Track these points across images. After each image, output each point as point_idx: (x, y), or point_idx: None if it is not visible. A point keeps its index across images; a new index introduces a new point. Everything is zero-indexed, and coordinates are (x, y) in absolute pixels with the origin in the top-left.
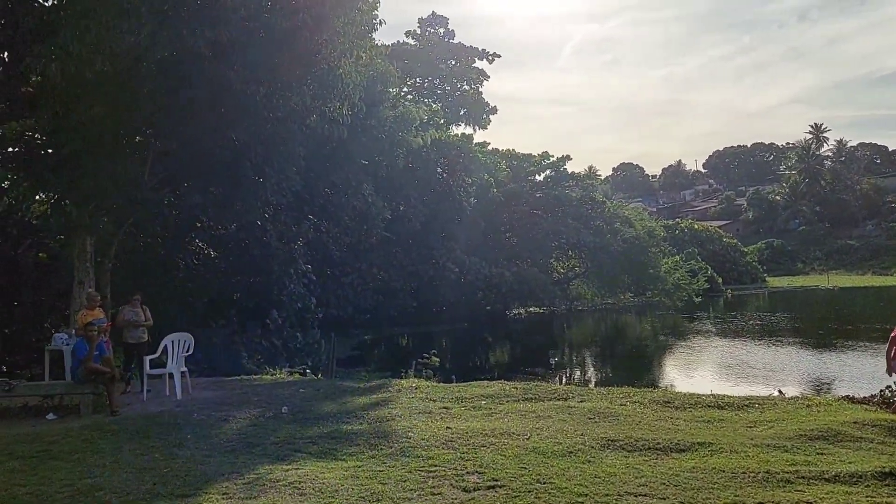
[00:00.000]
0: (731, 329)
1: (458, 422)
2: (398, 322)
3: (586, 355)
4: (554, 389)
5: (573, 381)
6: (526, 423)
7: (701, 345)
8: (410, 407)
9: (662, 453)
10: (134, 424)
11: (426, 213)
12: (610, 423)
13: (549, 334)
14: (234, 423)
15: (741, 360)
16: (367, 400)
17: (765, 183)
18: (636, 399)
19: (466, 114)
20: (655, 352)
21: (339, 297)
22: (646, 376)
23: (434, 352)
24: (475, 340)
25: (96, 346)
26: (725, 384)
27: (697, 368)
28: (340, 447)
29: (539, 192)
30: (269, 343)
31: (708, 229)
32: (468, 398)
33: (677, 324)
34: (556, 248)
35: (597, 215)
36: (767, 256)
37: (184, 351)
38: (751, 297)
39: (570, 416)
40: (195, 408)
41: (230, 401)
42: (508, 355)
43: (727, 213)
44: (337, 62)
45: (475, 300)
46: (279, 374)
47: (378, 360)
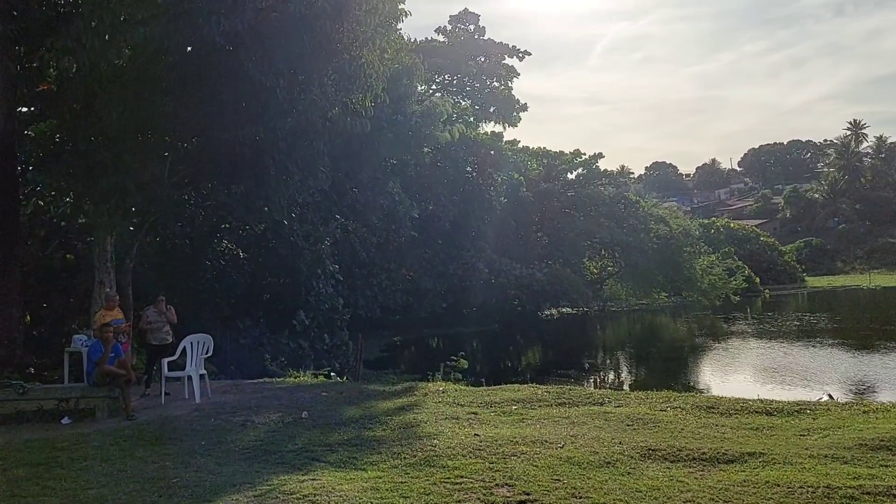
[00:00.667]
0: (770, 330)
1: (486, 428)
2: (428, 323)
3: (620, 357)
4: (589, 394)
5: (607, 383)
6: (559, 430)
7: (738, 346)
8: (437, 412)
9: (709, 464)
10: (148, 429)
11: (456, 213)
12: (650, 430)
13: (582, 336)
14: (252, 429)
15: (781, 362)
16: (391, 404)
17: (802, 181)
18: (677, 404)
19: (496, 111)
20: (691, 354)
21: (367, 297)
22: (682, 379)
23: (462, 354)
24: (507, 342)
25: (112, 347)
26: (767, 387)
27: (736, 371)
28: (361, 455)
29: (571, 191)
30: (297, 344)
31: (744, 228)
32: (497, 403)
33: (714, 325)
34: (589, 247)
35: (630, 214)
36: (806, 256)
37: (203, 353)
38: (789, 297)
39: (606, 423)
40: (213, 412)
41: (250, 405)
42: (540, 357)
43: (764, 211)
44: (359, 52)
45: (506, 301)
46: (303, 377)
47: (407, 361)
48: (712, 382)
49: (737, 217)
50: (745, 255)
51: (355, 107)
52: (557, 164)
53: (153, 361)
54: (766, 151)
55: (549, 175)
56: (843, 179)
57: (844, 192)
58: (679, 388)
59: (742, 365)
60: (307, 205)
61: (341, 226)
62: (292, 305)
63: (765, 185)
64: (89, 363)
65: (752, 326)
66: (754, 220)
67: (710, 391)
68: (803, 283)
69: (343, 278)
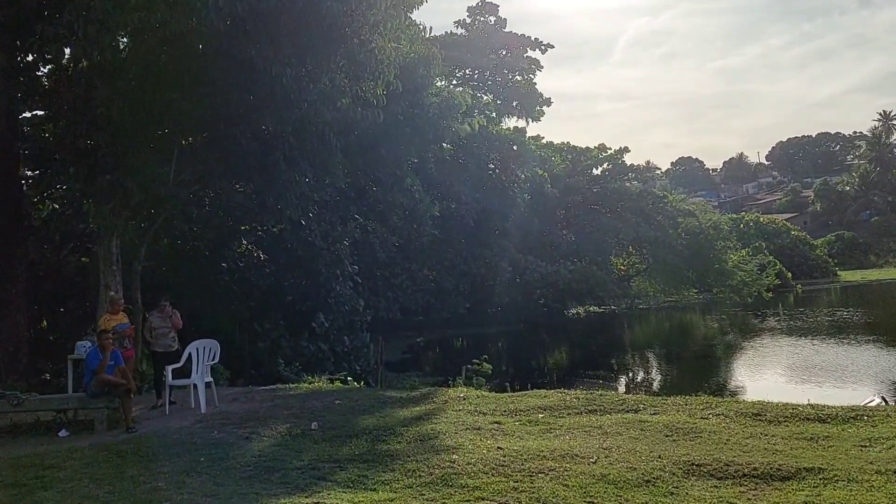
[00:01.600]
0: (804, 327)
1: (510, 440)
2: (451, 324)
3: (650, 357)
4: (621, 399)
5: (637, 385)
6: (591, 441)
7: (772, 344)
8: (457, 421)
9: (761, 482)
10: (147, 444)
11: (478, 211)
12: (692, 441)
13: (609, 335)
14: (257, 443)
15: (818, 360)
16: (409, 413)
17: (832, 174)
18: (720, 410)
19: (519, 106)
20: (724, 353)
21: (388, 299)
22: (715, 379)
23: (485, 357)
24: (532, 342)
25: (111, 355)
26: (808, 388)
27: (772, 370)
28: (372, 473)
29: (597, 187)
30: (316, 347)
31: (774, 222)
32: (523, 410)
33: (745, 322)
34: (616, 244)
35: (658, 210)
36: (838, 249)
37: (209, 359)
38: (822, 292)
39: (643, 434)
40: (218, 423)
41: (257, 415)
42: (567, 358)
43: (793, 205)
44: (369, 36)
45: (532, 300)
46: (318, 382)
47: (430, 363)
48: (748, 383)
49: (766, 211)
50: (776, 250)
51: (366, 96)
52: (583, 160)
53: (159, 370)
54: (795, 144)
55: (574, 171)
56: (874, 171)
57: (876, 184)
58: (713, 389)
59: (778, 364)
60: (325, 204)
61: (360, 226)
62: (312, 308)
63: (793, 178)
64: (87, 372)
65: (785, 323)
66: (784, 214)
67: (746, 393)
68: (836, 278)
69: (363, 279)
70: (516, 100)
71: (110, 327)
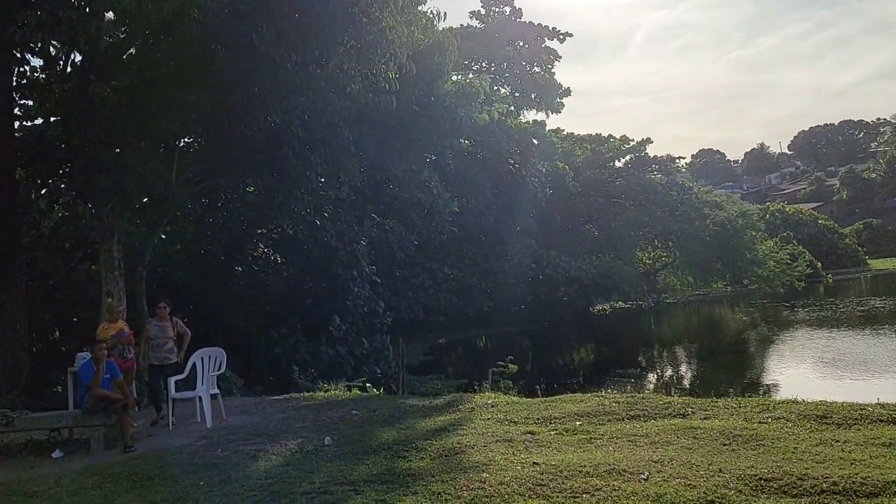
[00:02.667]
0: (838, 318)
1: (547, 453)
2: (474, 323)
3: (680, 353)
4: (667, 403)
5: (669, 383)
6: (639, 453)
7: (806, 336)
8: (486, 432)
9: (845, 499)
10: (144, 465)
11: (498, 207)
12: (755, 451)
13: (637, 331)
14: (264, 461)
15: (862, 353)
16: (432, 423)
17: (856, 161)
18: (779, 413)
19: (537, 98)
20: (758, 346)
21: (409, 299)
22: (751, 375)
23: (511, 358)
24: (557, 340)
25: (106, 366)
26: (855, 384)
27: (809, 364)
28: (392, 497)
29: (619, 179)
30: (335, 351)
31: (801, 212)
32: (558, 418)
33: (777, 314)
34: (641, 238)
35: (683, 201)
36: (866, 238)
37: (215, 369)
38: (853, 281)
39: (697, 443)
40: (223, 439)
41: (267, 429)
42: (594, 356)
43: (818, 194)
44: (379, 13)
45: (555, 297)
46: (334, 390)
47: (454, 364)
48: (785, 379)
49: (790, 202)
50: (803, 239)
51: (378, 81)
52: (604, 152)
53: (155, 383)
54: (817, 133)
55: (596, 163)
56: None
57: None
58: (748, 385)
59: (814, 358)
60: (340, 203)
61: (378, 225)
62: (329, 310)
63: (817, 167)
64: (80, 386)
65: (817, 314)
66: (809, 203)
67: (785, 389)
68: (867, 267)
69: (382, 280)
70: (535, 92)
71: (108, 336)
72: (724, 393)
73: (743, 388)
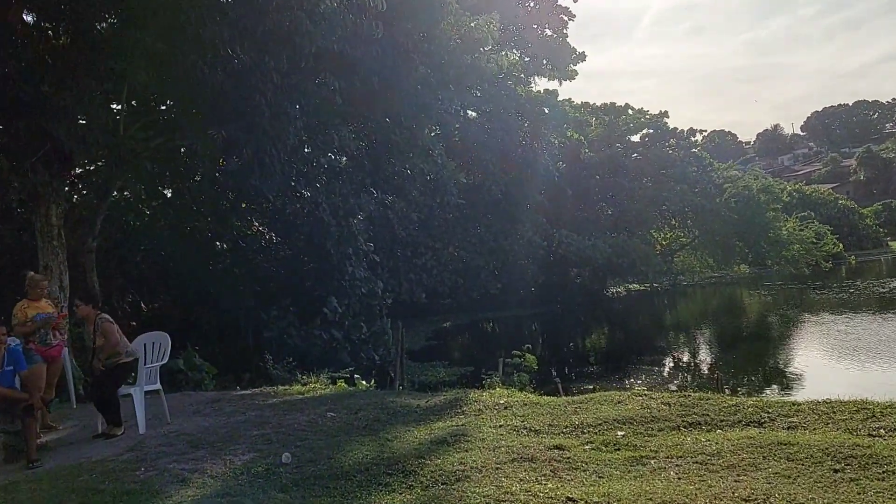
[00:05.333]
0: (867, 300)
1: (585, 481)
2: (481, 306)
3: (701, 338)
4: (733, 406)
5: (692, 370)
6: (715, 483)
7: (831, 320)
8: (499, 446)
9: None
10: (38, 490)
11: (507, 182)
12: (882, 481)
13: (655, 314)
14: (194, 488)
15: (887, 338)
16: (427, 433)
17: (870, 142)
18: (890, 422)
19: (549, 64)
20: (781, 331)
21: (411, 280)
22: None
23: (528, 347)
24: (570, 324)
25: (9, 356)
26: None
27: (838, 351)
28: None
29: (636, 153)
30: (329, 335)
31: (819, 192)
32: (593, 426)
33: (800, 297)
34: (658, 216)
35: (703, 176)
36: (886, 219)
37: (158, 358)
38: (875, 263)
39: (795, 468)
40: (154, 453)
41: (216, 437)
42: (612, 342)
43: (833, 175)
44: None
45: (568, 278)
46: (315, 383)
47: (460, 349)
48: (813, 368)
49: (805, 183)
50: (823, 220)
51: None
52: (620, 125)
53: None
54: (831, 114)
55: (611, 136)
56: None
57: None
58: (773, 372)
59: (843, 344)
60: (335, 174)
61: (377, 200)
62: (324, 292)
63: (830, 148)
64: None
65: (845, 295)
66: (824, 185)
67: (811, 378)
68: (888, 248)
69: (382, 259)
70: (546, 57)
71: (28, 317)
72: (747, 381)
73: (767, 375)
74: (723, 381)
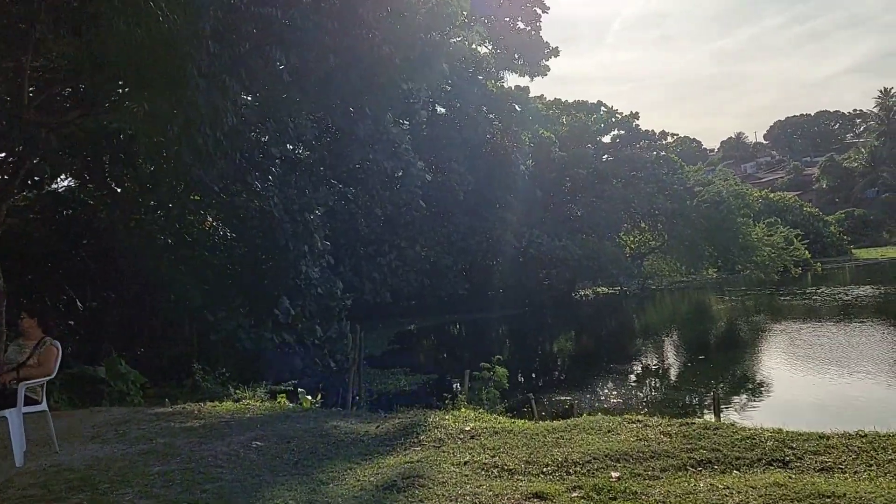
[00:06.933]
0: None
1: None
2: (448, 308)
3: (670, 345)
4: (748, 439)
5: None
6: None
7: (797, 327)
8: (460, 494)
9: None
10: None
11: (477, 179)
12: None
13: (623, 318)
14: None
15: (853, 346)
16: (372, 473)
17: (831, 152)
18: None
19: (521, 59)
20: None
21: (375, 280)
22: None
23: (498, 358)
24: (539, 327)
25: None
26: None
27: (819, 361)
28: None
29: (606, 155)
30: (281, 339)
31: (784, 198)
32: (578, 463)
33: (771, 303)
34: (628, 218)
35: (674, 179)
36: (849, 227)
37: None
38: (840, 270)
39: None
40: (18, 498)
41: (106, 474)
42: (582, 347)
43: (796, 183)
44: None
45: (536, 280)
46: (251, 399)
47: (424, 353)
48: (780, 374)
49: (771, 190)
50: (789, 226)
51: None
52: (591, 125)
53: None
54: (793, 123)
55: (583, 136)
56: (884, 147)
57: (885, 160)
58: (741, 380)
59: (807, 352)
60: (292, 164)
61: (339, 193)
62: (278, 292)
63: (793, 157)
64: None
65: (810, 303)
66: (787, 192)
67: (777, 385)
68: (852, 256)
69: (344, 257)
70: (519, 51)
71: None
72: (716, 388)
73: (735, 382)
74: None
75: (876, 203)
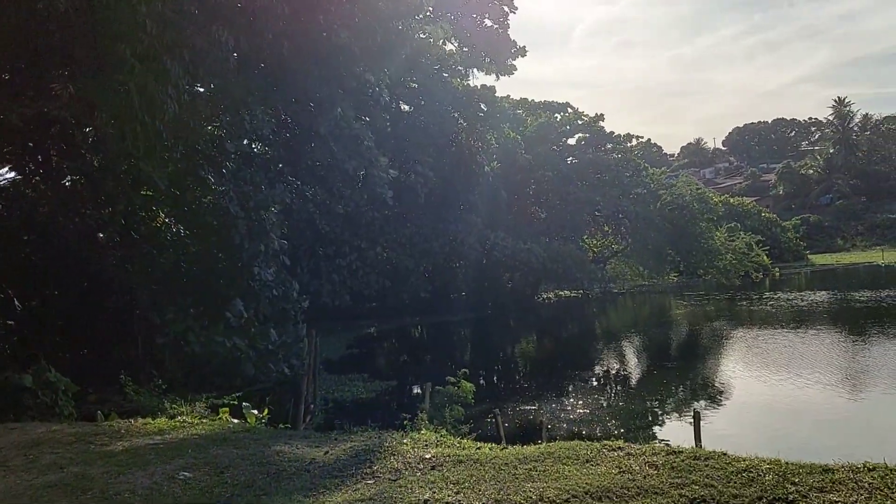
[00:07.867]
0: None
1: None
2: (410, 310)
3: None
4: (743, 472)
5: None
6: None
7: (755, 332)
8: None
9: None
10: None
11: (440, 180)
12: None
13: (584, 322)
14: None
15: (808, 349)
16: None
17: (787, 159)
18: None
19: (487, 58)
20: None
21: (334, 281)
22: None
23: (465, 372)
24: (502, 331)
25: None
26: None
27: (779, 365)
28: None
29: (572, 157)
30: (232, 343)
31: (743, 203)
32: (556, 502)
33: (731, 308)
34: (592, 222)
35: (638, 182)
36: (804, 233)
37: None
38: (797, 275)
39: None
40: None
41: None
42: (544, 351)
43: (754, 189)
44: None
45: (499, 283)
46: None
47: (384, 358)
48: (738, 379)
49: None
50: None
51: None
52: (557, 126)
53: None
54: (751, 130)
55: (548, 137)
56: (839, 155)
57: (840, 168)
58: (701, 386)
59: (765, 356)
60: (247, 159)
61: (296, 190)
62: (230, 293)
63: (750, 163)
64: None
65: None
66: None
67: (736, 390)
68: (808, 261)
69: (302, 257)
70: (485, 49)
71: None
72: (674, 393)
73: (695, 389)
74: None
75: (830, 209)
